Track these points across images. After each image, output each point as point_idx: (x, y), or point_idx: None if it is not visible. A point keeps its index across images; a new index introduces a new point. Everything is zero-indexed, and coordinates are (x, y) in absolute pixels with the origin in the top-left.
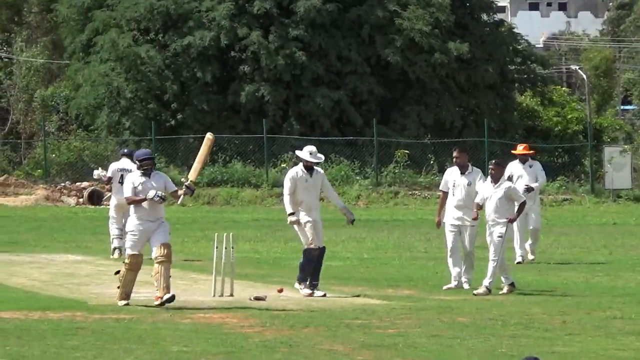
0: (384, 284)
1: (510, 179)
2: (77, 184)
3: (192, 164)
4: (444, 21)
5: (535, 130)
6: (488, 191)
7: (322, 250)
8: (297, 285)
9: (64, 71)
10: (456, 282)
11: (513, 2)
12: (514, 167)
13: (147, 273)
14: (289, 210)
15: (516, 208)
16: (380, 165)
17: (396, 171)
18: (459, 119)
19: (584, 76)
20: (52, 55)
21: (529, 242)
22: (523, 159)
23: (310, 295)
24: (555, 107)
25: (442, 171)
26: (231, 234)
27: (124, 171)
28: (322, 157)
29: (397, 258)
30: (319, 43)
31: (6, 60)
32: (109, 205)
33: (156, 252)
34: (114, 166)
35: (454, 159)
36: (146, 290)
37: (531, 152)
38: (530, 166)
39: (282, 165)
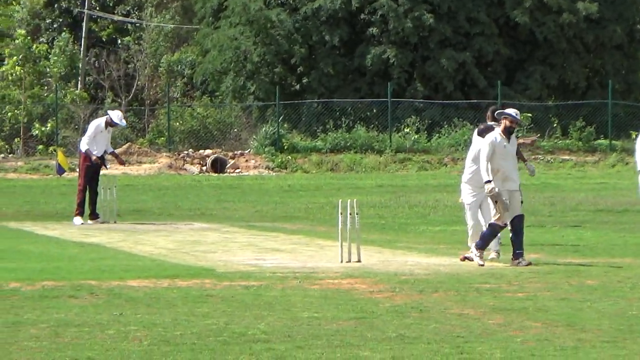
0: (511, 249)
1: None
2: (200, 151)
3: (315, 130)
4: None
5: None
6: None
7: (520, 217)
8: (473, 250)
9: (192, 36)
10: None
11: None
12: None
13: (274, 240)
14: (486, 177)
15: None
16: None
17: (518, 135)
18: (584, 80)
19: None
20: (181, 21)
21: None
22: None
23: (482, 265)
24: None
25: (565, 134)
26: (355, 200)
27: None
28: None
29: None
30: (448, 5)
31: (137, 25)
32: (233, 172)
33: None
34: None
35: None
36: (273, 257)
37: None
38: None
39: (405, 130)
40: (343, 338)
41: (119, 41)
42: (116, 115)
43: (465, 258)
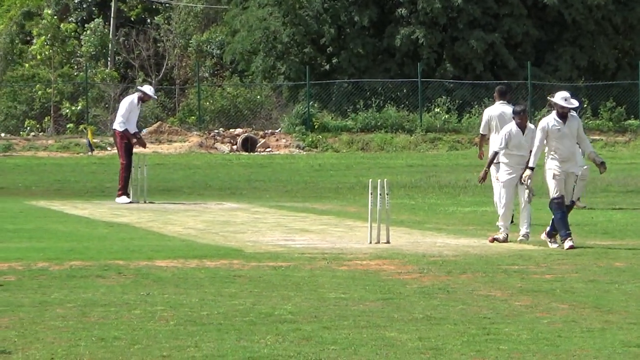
0: (540, 229)
1: None
2: (231, 130)
3: (345, 109)
4: None
5: None
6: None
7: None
8: (544, 236)
9: (221, 16)
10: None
11: None
12: None
13: (304, 220)
14: (531, 163)
15: None
16: (533, 109)
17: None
18: (613, 61)
19: None
20: (210, 1)
21: None
22: None
23: (572, 247)
24: None
25: (595, 115)
26: (385, 180)
27: None
28: (577, 102)
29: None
30: None
31: (166, 5)
32: (263, 152)
33: None
34: None
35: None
36: (302, 237)
37: None
38: None
39: (436, 110)
40: (370, 319)
41: (148, 21)
42: (149, 89)
43: (494, 239)
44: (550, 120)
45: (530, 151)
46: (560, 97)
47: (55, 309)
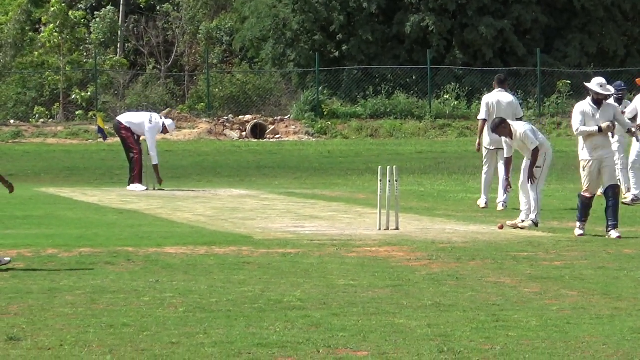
0: (549, 216)
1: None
2: (240, 117)
3: (355, 96)
4: None
5: None
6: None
7: (612, 187)
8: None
9: (230, 3)
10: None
11: None
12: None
13: (313, 207)
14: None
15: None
16: (543, 95)
17: (559, 102)
18: (622, 48)
19: None
20: None
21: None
22: None
23: (582, 235)
24: None
25: None
26: (394, 167)
27: None
28: (612, 89)
29: (561, 190)
30: None
31: None
32: (273, 138)
33: None
34: None
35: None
36: (311, 224)
37: None
38: None
39: (445, 97)
40: (379, 306)
41: (158, 8)
42: (172, 125)
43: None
44: (586, 105)
45: (534, 149)
46: (596, 84)
47: (65, 295)
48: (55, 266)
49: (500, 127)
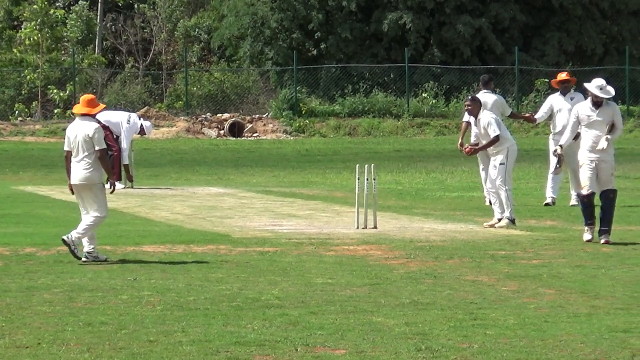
0: (527, 215)
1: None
2: (218, 115)
3: (333, 94)
4: None
5: None
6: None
7: (608, 192)
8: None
9: (208, 1)
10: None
11: None
12: (554, 100)
13: (291, 205)
14: (562, 141)
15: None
16: (521, 94)
17: (537, 100)
18: (601, 46)
19: None
20: None
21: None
22: (565, 89)
23: (590, 240)
24: None
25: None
26: (372, 165)
27: None
28: (613, 91)
29: (539, 188)
30: None
31: None
32: (251, 137)
33: None
34: None
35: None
36: (289, 222)
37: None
38: (572, 98)
39: (423, 95)
40: (357, 304)
41: (135, 6)
42: (149, 127)
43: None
44: (584, 106)
45: (494, 137)
46: (595, 86)
47: (42, 294)
48: (33, 264)
49: (474, 105)
